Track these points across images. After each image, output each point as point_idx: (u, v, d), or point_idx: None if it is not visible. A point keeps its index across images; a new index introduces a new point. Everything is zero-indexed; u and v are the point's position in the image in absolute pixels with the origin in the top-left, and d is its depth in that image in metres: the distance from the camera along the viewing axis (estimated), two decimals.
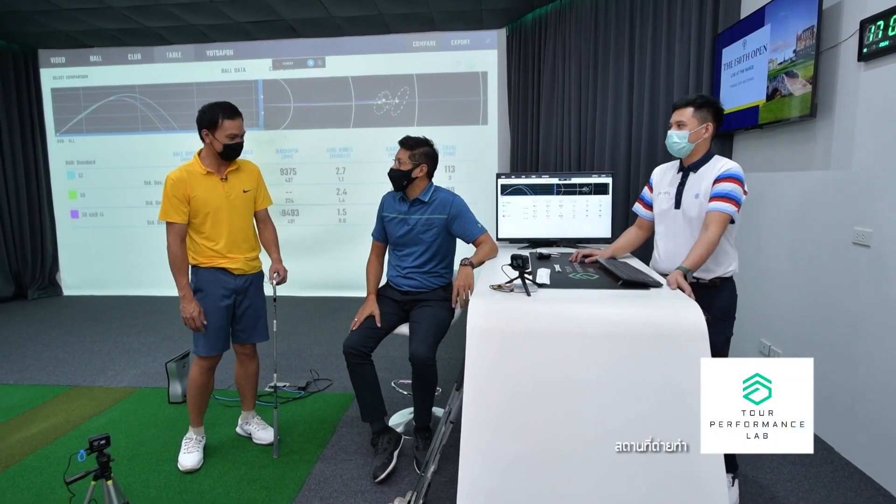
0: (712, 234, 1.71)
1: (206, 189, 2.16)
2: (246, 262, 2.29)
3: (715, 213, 1.74)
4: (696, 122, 1.85)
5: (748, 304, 3.09)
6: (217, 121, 2.10)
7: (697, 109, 1.85)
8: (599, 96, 4.06)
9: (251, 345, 2.42)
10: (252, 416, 2.52)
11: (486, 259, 2.22)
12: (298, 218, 5.61)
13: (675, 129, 1.86)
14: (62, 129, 5.69)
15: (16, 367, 3.53)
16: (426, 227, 2.35)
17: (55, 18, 4.72)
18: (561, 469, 1.29)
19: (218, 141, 2.13)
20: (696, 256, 1.68)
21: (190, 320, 2.16)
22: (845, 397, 2.24)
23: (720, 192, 1.76)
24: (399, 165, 2.31)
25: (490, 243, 2.32)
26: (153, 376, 3.30)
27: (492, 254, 2.26)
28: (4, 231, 5.50)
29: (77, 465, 1.77)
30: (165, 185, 2.12)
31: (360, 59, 5.33)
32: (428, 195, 2.36)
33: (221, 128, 2.11)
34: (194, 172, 2.15)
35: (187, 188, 2.12)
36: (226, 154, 2.16)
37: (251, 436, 2.48)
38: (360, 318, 2.31)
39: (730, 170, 1.78)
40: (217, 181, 2.19)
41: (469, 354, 1.38)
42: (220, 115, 2.11)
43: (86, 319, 4.77)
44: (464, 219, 2.35)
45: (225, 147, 2.14)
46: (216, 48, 5.43)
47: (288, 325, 4.46)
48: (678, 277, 1.59)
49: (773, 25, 2.62)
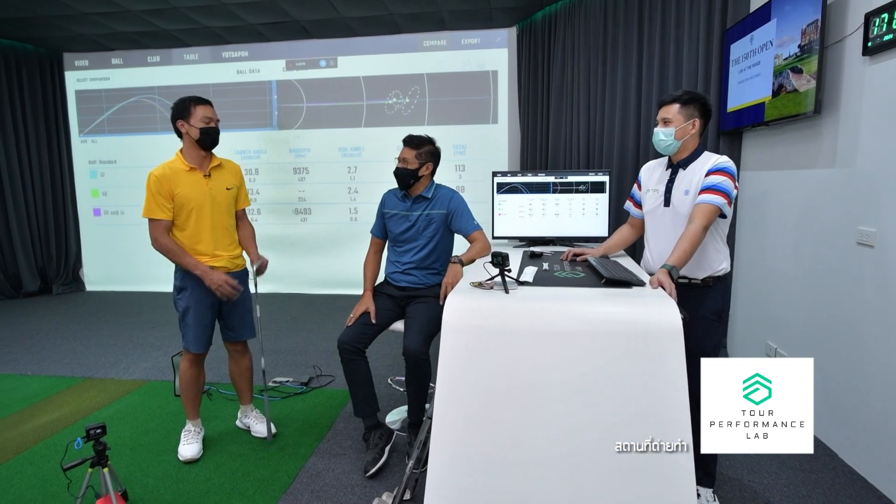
0: (696, 226, 1.66)
1: (189, 185, 2.19)
2: (230, 260, 2.33)
3: (702, 206, 1.69)
4: (682, 119, 1.81)
5: (754, 305, 3.04)
6: (189, 108, 2.18)
7: (683, 106, 1.81)
8: (608, 94, 4.02)
9: (242, 343, 2.47)
10: (250, 409, 2.58)
11: (478, 257, 2.22)
12: (311, 216, 5.69)
13: (661, 127, 1.83)
14: (85, 130, 5.88)
15: (35, 358, 3.67)
16: (427, 222, 2.38)
17: (77, 22, 4.88)
18: (530, 467, 1.29)
19: (193, 127, 2.17)
20: (680, 252, 1.63)
21: (222, 287, 2.20)
22: (850, 401, 2.17)
23: (708, 185, 1.72)
24: (406, 164, 2.33)
25: (483, 241, 2.33)
26: (163, 370, 3.39)
27: (484, 252, 2.27)
28: (31, 228, 5.72)
29: (74, 453, 1.84)
30: (148, 182, 2.15)
31: (372, 59, 5.38)
32: (430, 192, 2.39)
33: (194, 115, 2.17)
34: (177, 169, 2.19)
35: (171, 184, 2.15)
36: (203, 141, 2.20)
37: (250, 429, 2.53)
38: (356, 314, 2.34)
39: (720, 163, 1.74)
40: (200, 178, 2.22)
41: (443, 350, 1.39)
42: (190, 103, 2.19)
43: (104, 314, 4.92)
44: (461, 214, 2.38)
45: (201, 132, 2.18)
46: (231, 50, 5.54)
47: (296, 322, 4.53)
48: (661, 276, 1.56)
49: (778, 20, 2.56)
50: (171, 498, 2.02)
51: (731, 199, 1.73)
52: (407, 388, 2.31)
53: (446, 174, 5.30)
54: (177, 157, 2.23)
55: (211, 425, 2.58)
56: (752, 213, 3.04)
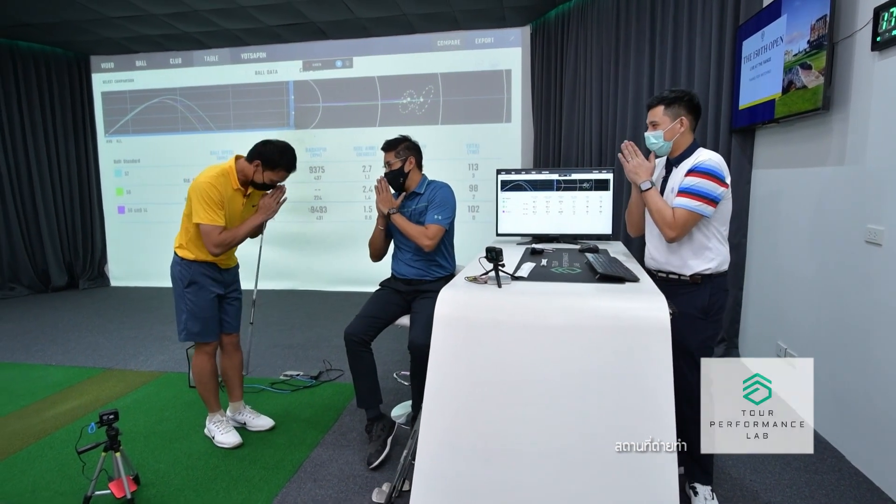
0: (668, 219, 1.75)
1: (233, 202, 2.30)
2: (228, 256, 2.44)
3: (678, 211, 1.73)
4: (668, 120, 1.82)
5: (765, 305, 3.00)
6: (277, 166, 2.27)
7: (668, 106, 1.82)
8: (621, 92, 4.00)
9: (236, 335, 2.55)
10: (242, 406, 2.59)
11: (408, 232, 2.36)
12: (326, 215, 5.78)
13: (650, 131, 1.85)
14: (111, 130, 6.07)
15: (60, 349, 3.82)
16: (419, 217, 2.45)
17: (103, 26, 5.05)
18: (515, 458, 1.31)
19: (264, 178, 2.28)
20: (654, 198, 1.80)
21: (273, 206, 2.36)
22: (858, 402, 2.14)
23: (684, 187, 1.74)
24: (390, 167, 2.44)
25: (426, 235, 2.35)
26: (179, 362, 3.49)
27: (419, 238, 2.34)
28: (59, 226, 5.94)
29: (88, 437, 1.92)
30: (207, 190, 2.18)
31: (387, 59, 5.44)
32: (422, 187, 2.46)
33: (275, 173, 2.28)
34: (228, 186, 2.27)
35: (223, 196, 2.24)
36: (257, 187, 2.34)
37: (245, 425, 2.55)
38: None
39: (700, 163, 1.73)
40: (241, 197, 2.34)
41: (434, 342, 1.42)
42: (284, 164, 2.28)
43: (127, 308, 5.09)
44: (435, 206, 2.41)
45: (262, 185, 2.31)
46: (250, 51, 5.66)
47: (310, 318, 4.62)
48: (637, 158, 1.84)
49: (788, 15, 2.53)
50: (180, 483, 2.10)
51: (710, 199, 1.71)
52: (411, 382, 2.35)
53: (460, 173, 5.34)
54: (231, 170, 2.27)
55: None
56: (764, 212, 3.00)
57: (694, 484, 1.88)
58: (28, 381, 3.21)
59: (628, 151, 1.89)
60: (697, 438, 1.84)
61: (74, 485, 2.08)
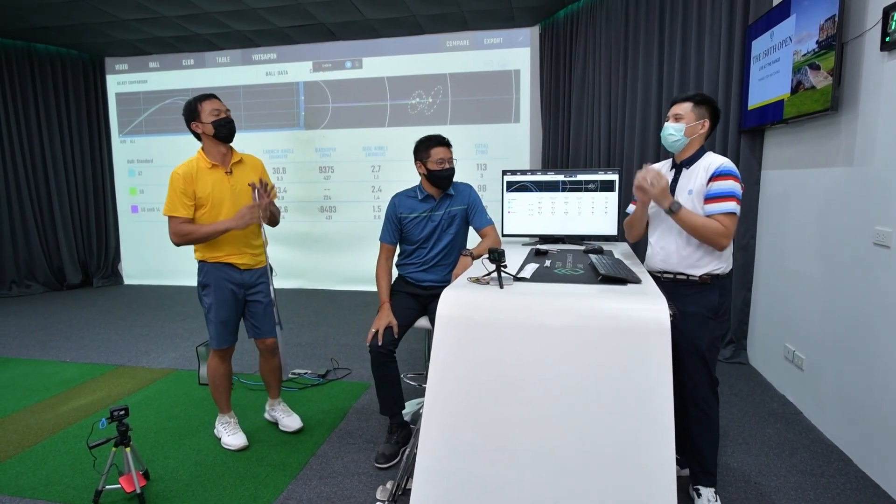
0: (716, 227, 1.73)
1: (212, 183, 2.23)
2: (252, 256, 2.35)
3: (721, 217, 1.73)
4: (693, 117, 1.83)
5: (773, 307, 2.98)
6: (196, 107, 2.22)
7: (696, 105, 1.84)
8: (629, 92, 3.99)
9: (271, 340, 2.45)
10: (278, 402, 2.61)
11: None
12: (335, 214, 5.82)
13: (672, 122, 1.85)
14: (125, 131, 6.17)
15: (74, 346, 3.89)
16: (450, 220, 2.40)
17: (117, 28, 5.13)
18: (514, 457, 1.33)
19: (206, 124, 2.20)
20: (691, 215, 1.74)
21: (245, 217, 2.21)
22: (866, 405, 2.12)
23: (720, 192, 1.73)
24: (449, 164, 2.34)
25: (493, 236, 2.36)
26: (189, 360, 3.55)
27: (494, 246, 2.28)
28: (74, 225, 6.04)
29: (99, 433, 1.97)
30: (172, 180, 2.19)
31: (396, 60, 5.47)
32: (453, 188, 2.43)
33: (202, 112, 2.21)
34: (201, 167, 2.22)
35: (194, 183, 2.20)
36: (219, 133, 2.22)
37: (278, 422, 2.57)
38: (378, 327, 2.24)
39: (724, 167, 1.75)
40: (222, 174, 2.26)
41: (436, 341, 1.44)
42: (196, 102, 2.23)
43: (139, 306, 5.17)
44: (478, 208, 2.43)
45: (214, 126, 2.20)
46: (261, 52, 5.72)
47: (318, 317, 4.66)
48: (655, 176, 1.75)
49: (798, 15, 2.50)
50: (188, 479, 2.13)
51: (739, 199, 1.75)
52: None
53: (469, 173, 5.35)
54: (199, 155, 2.25)
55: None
56: (773, 213, 2.98)
57: (698, 486, 1.88)
58: (42, 376, 3.27)
59: (651, 176, 1.78)
60: (702, 439, 1.85)
61: (86, 479, 2.12)
